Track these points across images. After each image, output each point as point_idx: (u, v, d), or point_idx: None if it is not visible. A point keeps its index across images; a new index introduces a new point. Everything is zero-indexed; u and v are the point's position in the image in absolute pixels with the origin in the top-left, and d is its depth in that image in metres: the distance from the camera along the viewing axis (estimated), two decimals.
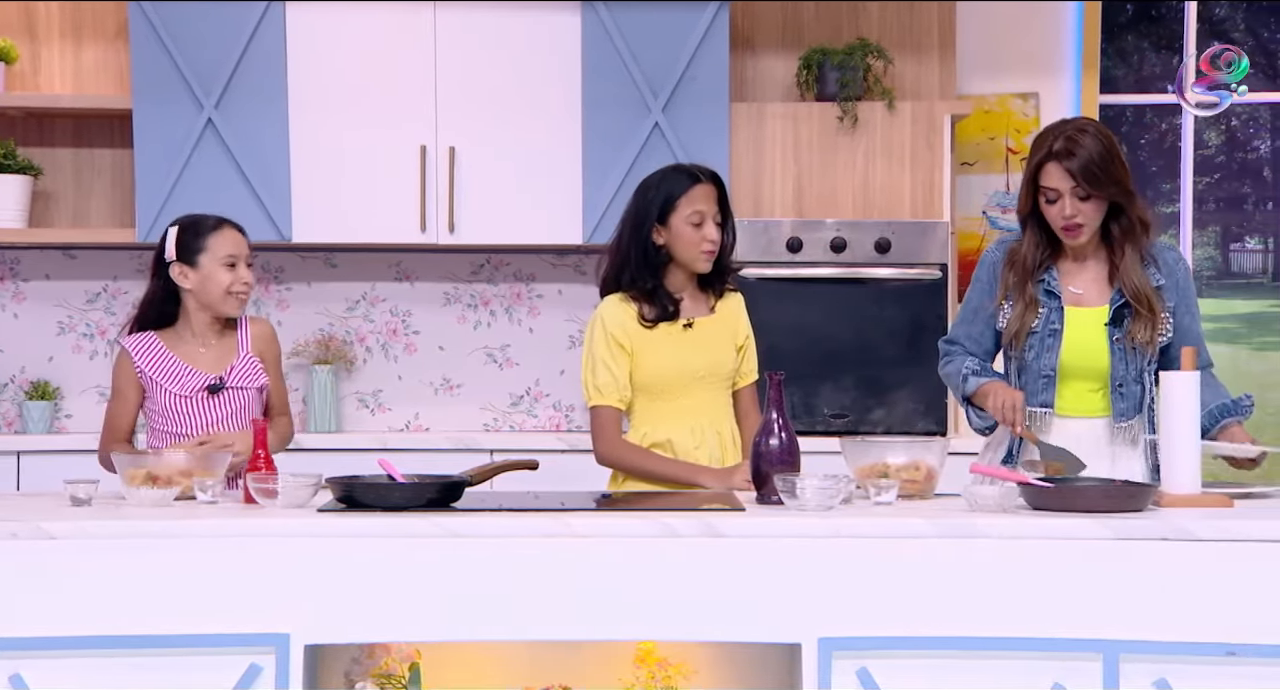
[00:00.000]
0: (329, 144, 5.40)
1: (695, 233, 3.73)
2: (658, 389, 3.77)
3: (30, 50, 5.65)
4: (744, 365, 3.87)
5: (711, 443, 3.78)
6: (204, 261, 3.82)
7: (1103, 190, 3.59)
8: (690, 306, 3.82)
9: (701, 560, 3.02)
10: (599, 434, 3.76)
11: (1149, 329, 3.64)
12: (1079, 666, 2.97)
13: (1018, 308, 3.68)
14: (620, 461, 3.76)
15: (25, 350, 5.74)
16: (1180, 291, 3.73)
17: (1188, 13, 5.93)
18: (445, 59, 5.42)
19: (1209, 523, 3.02)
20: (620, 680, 3.18)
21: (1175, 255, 3.77)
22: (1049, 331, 3.68)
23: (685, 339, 3.78)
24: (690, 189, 3.74)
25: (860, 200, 5.50)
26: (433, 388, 5.81)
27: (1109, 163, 3.59)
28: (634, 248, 3.77)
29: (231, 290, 3.82)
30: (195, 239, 3.84)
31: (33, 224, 5.55)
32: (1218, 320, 6.49)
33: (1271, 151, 6.40)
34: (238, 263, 3.83)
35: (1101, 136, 3.60)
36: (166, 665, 2.97)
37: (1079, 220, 3.61)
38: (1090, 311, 3.69)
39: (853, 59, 5.50)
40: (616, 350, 3.75)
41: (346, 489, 3.21)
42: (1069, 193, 3.59)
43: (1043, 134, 3.66)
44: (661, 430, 3.77)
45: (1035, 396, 3.68)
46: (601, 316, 3.78)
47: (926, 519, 3.05)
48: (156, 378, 3.81)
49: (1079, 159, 3.56)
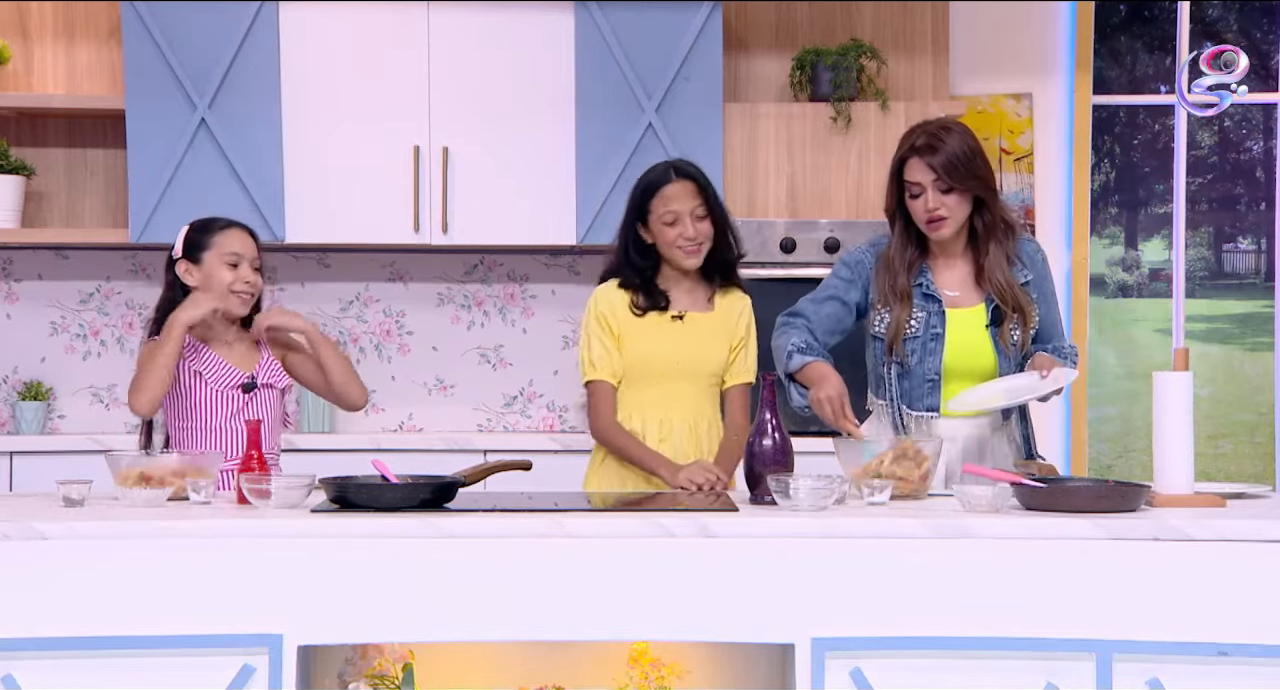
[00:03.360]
0: (322, 144, 5.40)
1: (670, 231, 3.75)
2: (636, 375, 3.80)
3: (23, 50, 5.65)
4: (737, 365, 3.87)
5: (680, 436, 3.79)
6: (207, 259, 3.82)
7: (964, 184, 3.64)
8: (685, 300, 3.84)
9: (695, 560, 3.02)
10: (593, 409, 3.83)
11: (1021, 330, 3.70)
12: (1072, 666, 2.97)
13: (895, 310, 3.70)
14: (609, 440, 3.81)
15: (18, 351, 5.74)
16: (1038, 282, 3.78)
17: (1181, 13, 5.93)
18: (438, 59, 5.42)
19: (1201, 523, 3.03)
20: (614, 680, 3.19)
21: (1034, 247, 3.83)
22: (930, 335, 3.70)
23: (673, 330, 3.80)
24: (662, 188, 3.76)
25: (854, 200, 5.50)
26: (426, 388, 5.81)
27: (971, 159, 3.64)
28: (624, 246, 3.84)
29: (234, 288, 3.82)
30: (201, 237, 3.85)
31: (25, 224, 5.55)
32: (1210, 321, 6.49)
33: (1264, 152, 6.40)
34: (241, 262, 3.83)
35: (965, 134, 3.67)
36: (159, 666, 2.97)
37: (942, 213, 3.66)
38: (969, 312, 3.73)
39: (846, 59, 5.50)
40: (605, 327, 3.80)
41: (340, 489, 3.21)
42: (931, 186, 3.64)
43: (908, 132, 3.73)
44: (635, 418, 3.80)
45: (920, 400, 3.71)
46: (595, 298, 3.85)
47: (919, 519, 3.05)
48: (198, 368, 3.80)
49: (941, 154, 3.62)
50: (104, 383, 5.74)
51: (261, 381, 3.86)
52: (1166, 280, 6.23)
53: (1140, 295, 6.50)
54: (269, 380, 3.88)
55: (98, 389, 5.75)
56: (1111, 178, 6.43)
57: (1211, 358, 6.48)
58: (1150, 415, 3.32)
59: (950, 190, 3.64)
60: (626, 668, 3.18)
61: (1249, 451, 6.38)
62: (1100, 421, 6.26)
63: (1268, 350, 6.24)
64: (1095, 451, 6.14)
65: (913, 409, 3.72)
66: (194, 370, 3.81)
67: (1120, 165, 6.44)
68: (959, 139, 3.64)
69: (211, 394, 3.81)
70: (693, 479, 3.62)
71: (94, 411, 5.74)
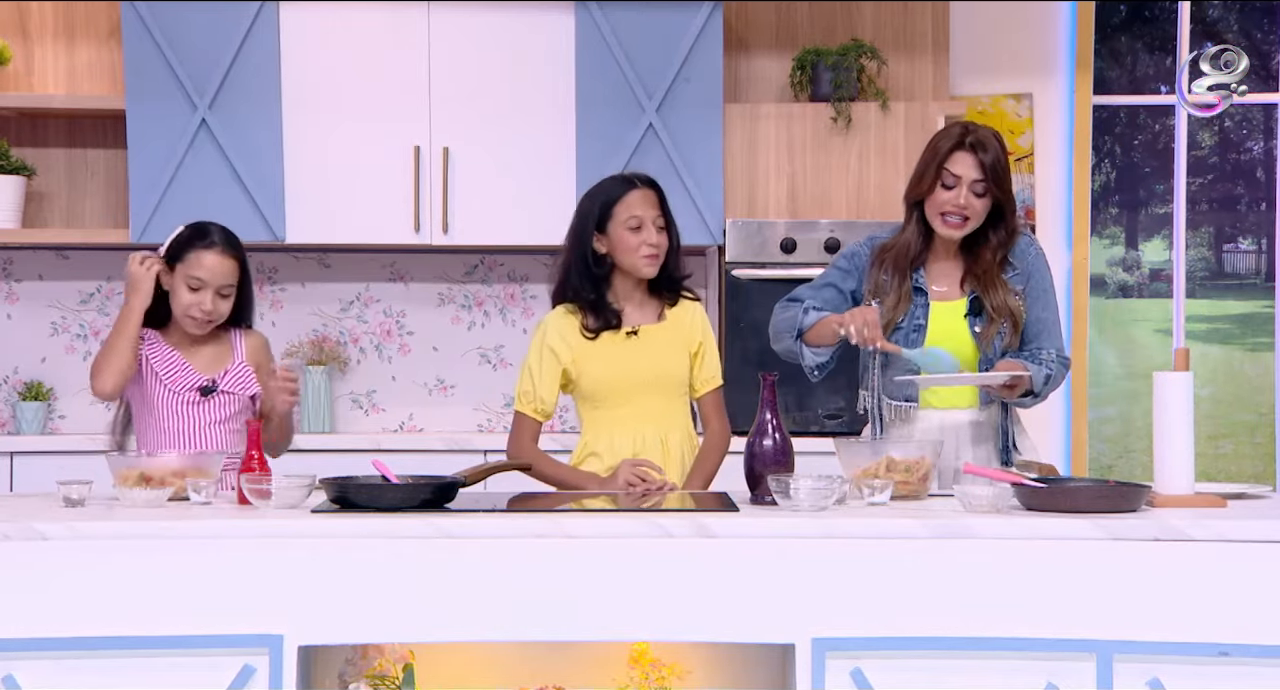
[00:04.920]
0: (323, 144, 5.40)
1: (634, 237, 3.73)
2: (601, 397, 3.78)
3: (23, 50, 5.65)
4: (701, 373, 3.85)
5: (654, 452, 3.77)
6: (177, 272, 3.77)
7: (999, 188, 3.72)
8: (637, 314, 3.81)
9: (695, 561, 3.03)
10: (513, 437, 3.85)
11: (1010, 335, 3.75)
12: (1072, 666, 2.98)
13: (888, 301, 3.76)
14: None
15: (19, 351, 5.74)
16: (1028, 277, 3.81)
17: (1181, 14, 5.93)
18: (439, 59, 5.42)
19: (1201, 523, 3.03)
20: (614, 681, 3.19)
21: (1027, 240, 3.87)
22: (913, 326, 3.76)
23: (629, 347, 3.78)
24: (626, 194, 3.76)
25: (854, 201, 5.50)
26: (426, 388, 5.81)
27: (1006, 170, 3.75)
28: (575, 257, 3.79)
29: (188, 313, 3.76)
30: (181, 248, 3.79)
31: (26, 224, 5.55)
32: (1211, 321, 6.49)
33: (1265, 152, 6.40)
34: (203, 288, 3.74)
35: (1003, 146, 3.77)
36: (160, 666, 2.97)
37: (967, 213, 3.72)
38: (950, 305, 3.78)
39: (846, 60, 5.50)
40: (549, 359, 3.78)
41: (340, 490, 3.21)
42: (968, 185, 3.70)
43: (953, 126, 3.80)
44: (604, 439, 3.79)
45: (901, 390, 3.75)
46: (545, 325, 3.83)
47: (920, 520, 3.05)
48: (157, 368, 3.79)
49: (990, 155, 3.70)
50: None
51: (223, 387, 3.82)
52: (1167, 280, 6.22)
53: (1141, 295, 6.49)
54: (232, 388, 3.83)
55: None
56: (1112, 178, 6.43)
57: (1212, 358, 6.48)
58: (1150, 416, 3.32)
59: (984, 193, 3.71)
60: (627, 668, 3.18)
61: (1249, 452, 6.38)
62: (1100, 422, 6.26)
63: (1268, 350, 6.24)
64: (1095, 452, 6.14)
65: (893, 399, 3.76)
66: (153, 368, 3.79)
67: (1120, 165, 6.44)
68: (1000, 146, 3.75)
69: (166, 393, 3.79)
70: (629, 480, 3.61)
71: (94, 412, 5.73)
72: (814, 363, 3.77)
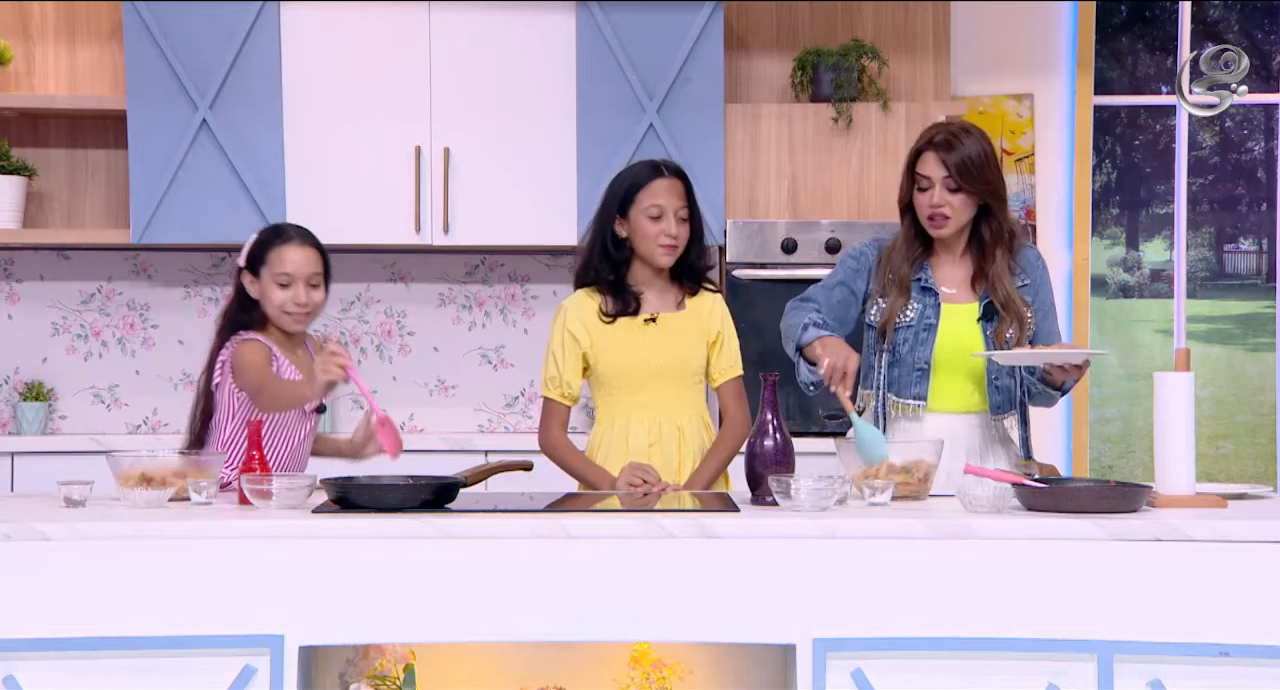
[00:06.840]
0: (323, 144, 5.40)
1: (653, 226, 3.73)
2: (616, 383, 3.79)
3: (24, 50, 5.65)
4: (720, 362, 3.85)
5: (669, 439, 3.77)
6: (264, 275, 3.70)
7: (972, 186, 3.70)
8: (657, 301, 3.81)
9: (696, 561, 3.02)
10: (542, 423, 3.84)
11: (1018, 338, 3.74)
12: (1073, 667, 2.97)
13: (891, 298, 3.76)
14: (551, 454, 3.82)
15: (19, 351, 5.74)
16: (1035, 288, 3.83)
17: (1182, 14, 5.93)
18: (440, 59, 5.42)
19: (1202, 523, 3.03)
20: (615, 681, 3.19)
21: (1034, 253, 3.89)
22: (924, 325, 3.75)
23: (646, 334, 3.78)
24: (651, 182, 3.75)
25: (855, 201, 5.50)
26: (427, 389, 5.81)
27: (984, 164, 3.72)
28: (597, 239, 3.80)
29: (284, 310, 3.70)
30: (262, 250, 3.72)
31: (27, 225, 5.55)
32: (1211, 321, 6.49)
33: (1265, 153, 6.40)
34: (294, 283, 3.69)
35: (982, 140, 3.75)
36: (161, 666, 2.97)
37: (945, 211, 3.72)
38: (963, 307, 3.77)
39: (847, 60, 5.50)
40: (570, 343, 3.78)
41: (341, 490, 3.21)
42: (940, 183, 3.70)
43: (928, 128, 3.81)
44: (619, 425, 3.79)
45: (909, 388, 3.75)
46: (564, 308, 3.83)
47: (921, 520, 3.05)
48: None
49: (957, 153, 3.70)
50: (105, 383, 5.75)
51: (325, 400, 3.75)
52: (1168, 281, 6.22)
53: (1141, 296, 6.49)
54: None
55: (99, 390, 5.75)
56: (1112, 178, 6.42)
57: (1212, 358, 6.48)
58: (1151, 416, 3.32)
59: (958, 190, 3.70)
60: (628, 668, 3.18)
61: (1250, 452, 6.38)
62: (1101, 422, 6.26)
63: (1269, 351, 6.24)
64: (1096, 452, 6.14)
65: (900, 397, 3.76)
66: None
67: (1121, 166, 6.44)
68: (975, 143, 3.72)
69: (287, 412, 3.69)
70: (630, 483, 3.62)
71: (95, 412, 5.74)
72: (808, 379, 3.73)
